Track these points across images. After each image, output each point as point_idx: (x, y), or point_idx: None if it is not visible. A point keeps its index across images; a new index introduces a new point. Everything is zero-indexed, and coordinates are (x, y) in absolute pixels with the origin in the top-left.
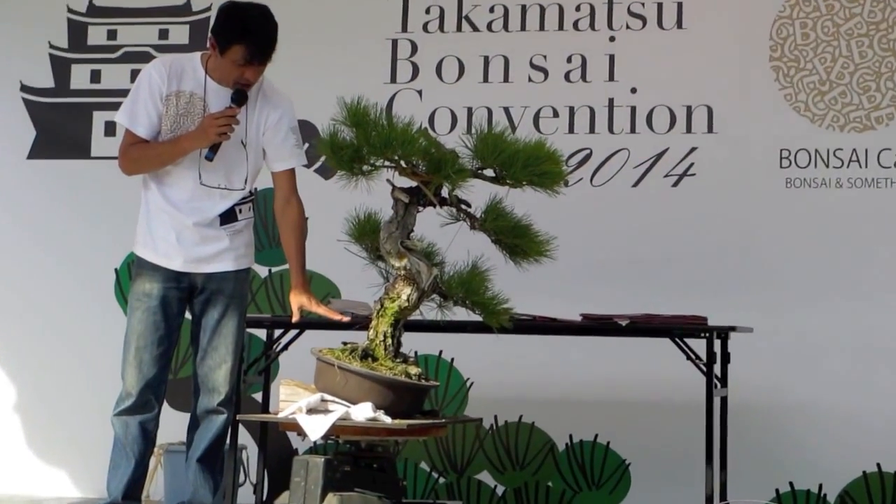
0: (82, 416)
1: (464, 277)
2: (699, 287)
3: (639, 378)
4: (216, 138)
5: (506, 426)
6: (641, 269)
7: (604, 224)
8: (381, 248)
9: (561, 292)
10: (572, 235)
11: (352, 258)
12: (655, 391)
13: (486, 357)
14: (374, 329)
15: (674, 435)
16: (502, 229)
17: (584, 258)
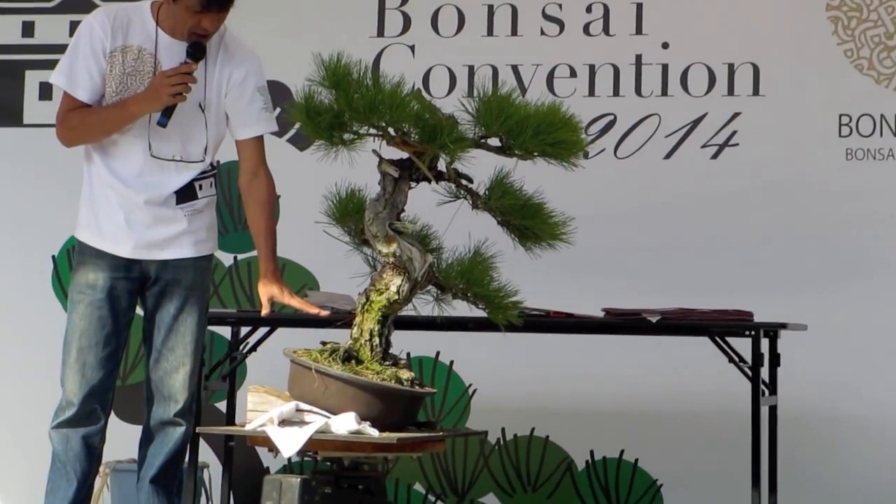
0: (13, 429)
1: (465, 266)
2: (743, 277)
3: (672, 384)
4: (169, 100)
5: (515, 441)
6: (675, 256)
7: (630, 203)
8: (367, 230)
9: (580, 283)
10: (593, 216)
11: (332, 243)
12: (691, 400)
13: (492, 359)
14: (359, 326)
15: (713, 451)
16: (510, 209)
17: (607, 243)
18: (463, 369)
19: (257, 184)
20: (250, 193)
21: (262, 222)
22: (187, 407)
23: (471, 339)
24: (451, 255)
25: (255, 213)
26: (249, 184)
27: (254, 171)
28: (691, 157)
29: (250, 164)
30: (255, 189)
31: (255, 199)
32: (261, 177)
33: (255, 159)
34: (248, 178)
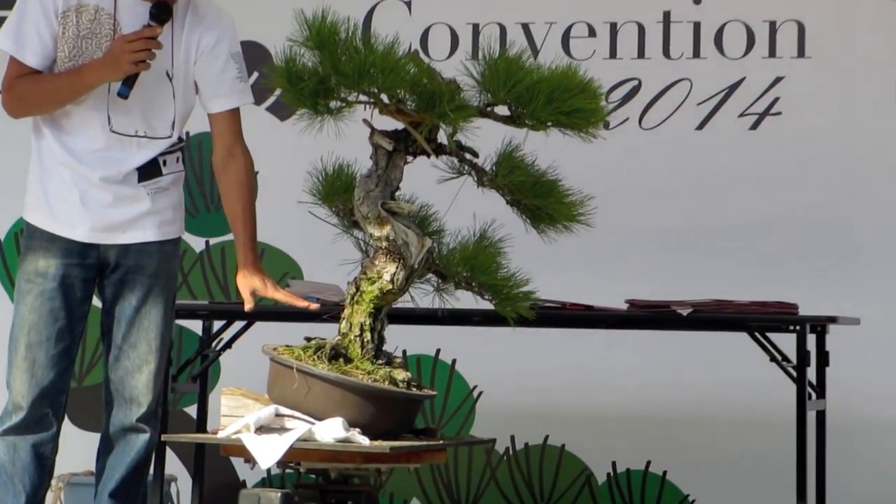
0: None
1: (468, 251)
2: (787, 265)
3: (705, 386)
4: (131, 68)
5: (526, 450)
6: (708, 241)
7: (657, 180)
8: (356, 211)
9: (600, 271)
10: (615, 195)
11: (317, 226)
12: (727, 404)
13: (500, 358)
14: (348, 320)
15: (753, 462)
16: (520, 186)
17: (631, 225)
18: (467, 369)
19: (233, 163)
20: (225, 173)
21: (239, 206)
22: (152, 411)
23: (476, 335)
24: (453, 239)
25: (232, 196)
26: (225, 163)
27: (229, 148)
28: (727, 127)
29: (225, 141)
30: (230, 169)
31: (231, 180)
32: (237, 155)
33: (231, 135)
34: (223, 157)
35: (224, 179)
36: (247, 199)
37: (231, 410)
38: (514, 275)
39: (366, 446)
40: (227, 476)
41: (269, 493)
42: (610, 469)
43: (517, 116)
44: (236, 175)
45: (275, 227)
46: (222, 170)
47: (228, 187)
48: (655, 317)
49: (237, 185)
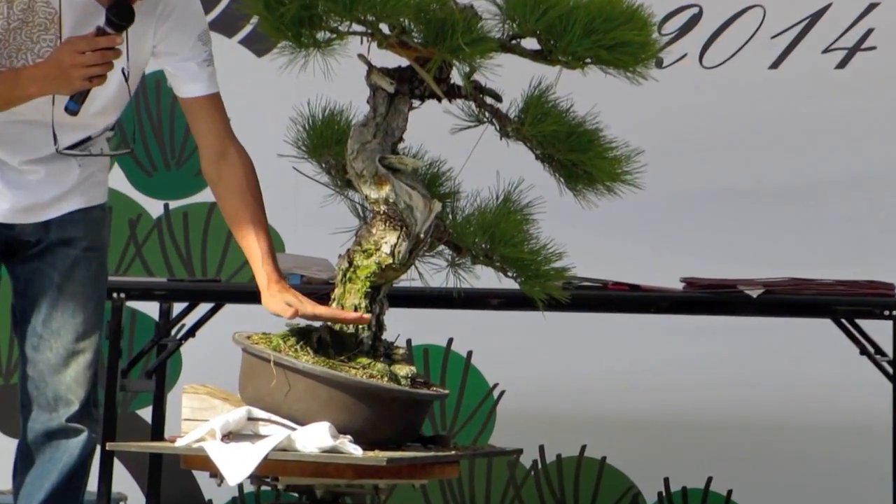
0: None
1: (489, 217)
2: (881, 237)
3: (779, 384)
4: (83, 84)
5: (558, 463)
6: (783, 206)
7: (721, 130)
8: (349, 168)
9: (650, 243)
10: (669, 148)
11: (303, 186)
12: (807, 406)
13: (526, 350)
14: (339, 302)
15: (839, 477)
16: (552, 137)
17: (688, 186)
18: (486, 363)
19: (228, 167)
20: (222, 181)
21: (247, 215)
22: (85, 409)
23: (497, 322)
24: (470, 203)
25: (235, 206)
26: (218, 168)
27: (219, 148)
28: (808, 66)
29: (213, 141)
30: (226, 174)
31: (231, 189)
32: (231, 155)
33: (219, 132)
34: (214, 161)
35: (221, 189)
36: (254, 206)
37: (194, 413)
38: (544, 247)
39: (358, 458)
40: (188, 494)
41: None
42: (661, 487)
43: (548, 51)
44: (236, 180)
45: None
46: (217, 178)
47: (229, 197)
48: (718, 299)
49: (240, 193)
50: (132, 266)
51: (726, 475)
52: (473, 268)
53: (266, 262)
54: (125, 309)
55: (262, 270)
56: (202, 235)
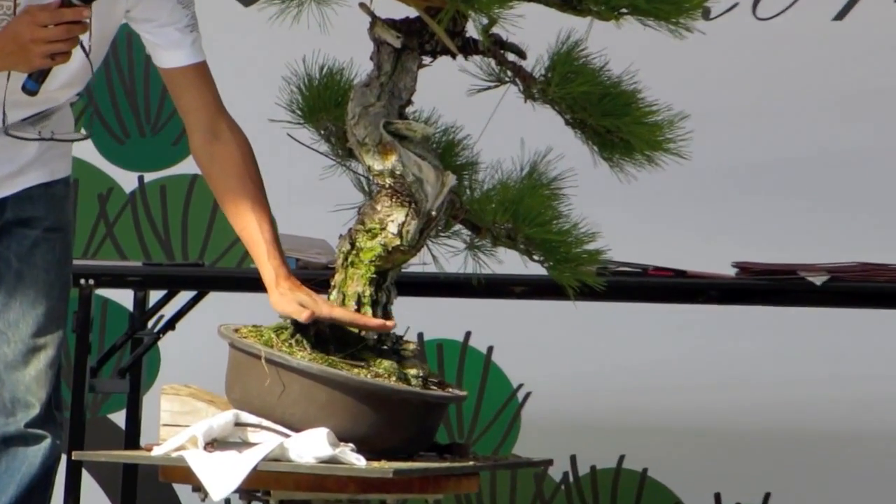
0: None
1: (511, 192)
2: None
3: (849, 386)
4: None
5: (592, 476)
6: (850, 179)
7: (778, 91)
8: (350, 134)
9: (697, 222)
10: (719, 113)
11: (298, 157)
12: (883, 411)
13: (555, 345)
14: (340, 290)
15: None
16: (583, 100)
17: (740, 157)
18: (509, 360)
19: (221, 146)
20: (214, 163)
21: (246, 202)
22: (46, 413)
23: (521, 313)
24: (490, 176)
25: (233, 191)
26: (209, 149)
27: (210, 126)
28: (878, 17)
29: (202, 118)
30: (220, 155)
31: (225, 172)
32: (224, 133)
33: (208, 107)
34: (205, 141)
35: (215, 172)
36: (254, 191)
37: (174, 418)
38: (575, 226)
39: (361, 469)
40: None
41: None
42: (712, 503)
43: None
44: (231, 162)
45: None
46: (209, 160)
47: (224, 182)
48: (776, 287)
49: (237, 177)
50: (102, 248)
51: (788, 491)
52: (495, 250)
53: (272, 256)
54: (95, 297)
55: (269, 265)
56: (182, 213)
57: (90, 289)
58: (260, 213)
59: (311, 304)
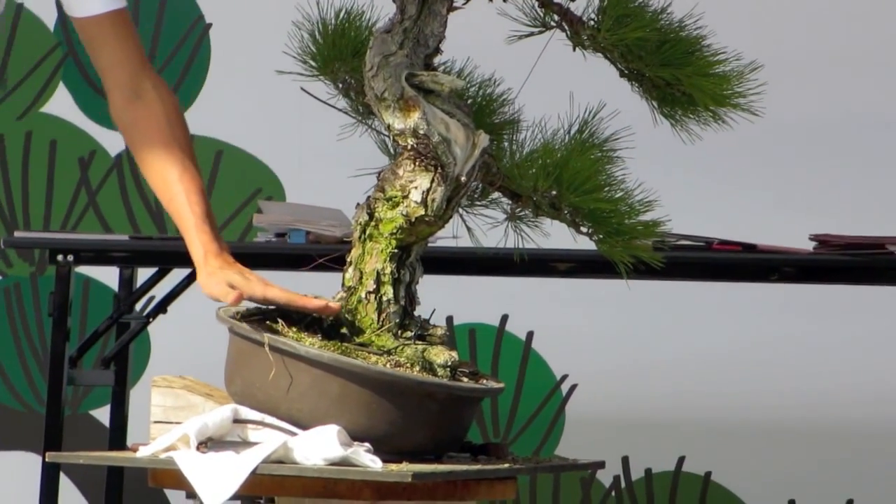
0: None
1: (557, 156)
2: None
3: None
4: None
5: (647, 480)
6: None
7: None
8: (367, 87)
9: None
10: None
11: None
12: None
13: (604, 331)
14: (356, 267)
15: None
16: (638, 47)
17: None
18: (551, 348)
19: (144, 108)
20: (136, 127)
21: (174, 169)
22: None
23: (566, 293)
24: (532, 136)
25: (157, 157)
26: (131, 109)
27: (131, 85)
28: None
29: (121, 76)
30: (142, 118)
31: (148, 136)
32: (148, 92)
33: (129, 62)
34: (125, 102)
35: (137, 137)
36: (180, 157)
37: (166, 414)
38: (629, 193)
39: (375, 472)
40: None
41: None
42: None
43: None
44: (154, 124)
45: (238, 116)
46: (130, 123)
47: (147, 148)
48: (861, 263)
49: (162, 141)
50: (83, 219)
51: (871, 498)
52: (540, 221)
53: (201, 230)
54: (74, 276)
55: (198, 240)
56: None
57: (69, 266)
58: (188, 183)
59: (242, 283)
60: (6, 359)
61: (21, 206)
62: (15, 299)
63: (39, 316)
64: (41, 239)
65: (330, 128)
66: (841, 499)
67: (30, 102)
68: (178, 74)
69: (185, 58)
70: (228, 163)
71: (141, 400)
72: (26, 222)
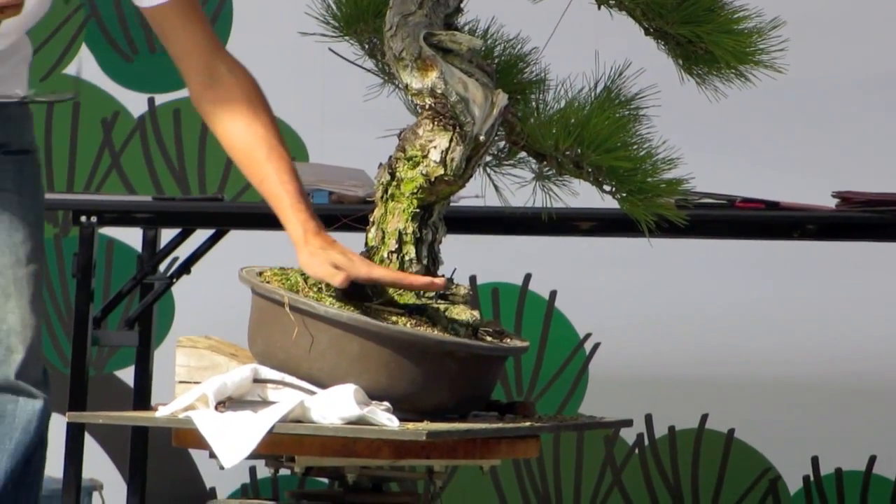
0: None
1: (581, 115)
2: None
3: None
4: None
5: (670, 438)
6: None
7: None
8: (387, 47)
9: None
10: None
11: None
12: None
13: (627, 290)
14: (379, 226)
15: None
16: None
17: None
18: (575, 307)
19: (223, 92)
20: (217, 111)
21: (261, 149)
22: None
23: (589, 252)
24: (558, 95)
25: (243, 140)
26: (210, 96)
27: (206, 71)
28: None
29: (195, 62)
30: (221, 101)
31: (232, 118)
32: (224, 76)
33: (201, 48)
34: (204, 87)
35: (220, 121)
36: (267, 137)
37: (191, 374)
38: (652, 152)
39: (390, 431)
40: (184, 481)
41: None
42: (808, 469)
43: None
44: (236, 108)
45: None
46: (211, 109)
47: (232, 130)
48: (884, 220)
49: (245, 123)
50: (107, 181)
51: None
52: (569, 181)
53: (298, 209)
54: (98, 237)
55: (295, 220)
56: (199, 140)
57: (92, 227)
58: (277, 162)
59: (347, 264)
60: None
61: (45, 168)
62: None
63: (64, 277)
64: (64, 200)
65: (352, 89)
66: (864, 455)
67: (52, 64)
68: None
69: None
70: None
71: (167, 361)
72: (50, 184)
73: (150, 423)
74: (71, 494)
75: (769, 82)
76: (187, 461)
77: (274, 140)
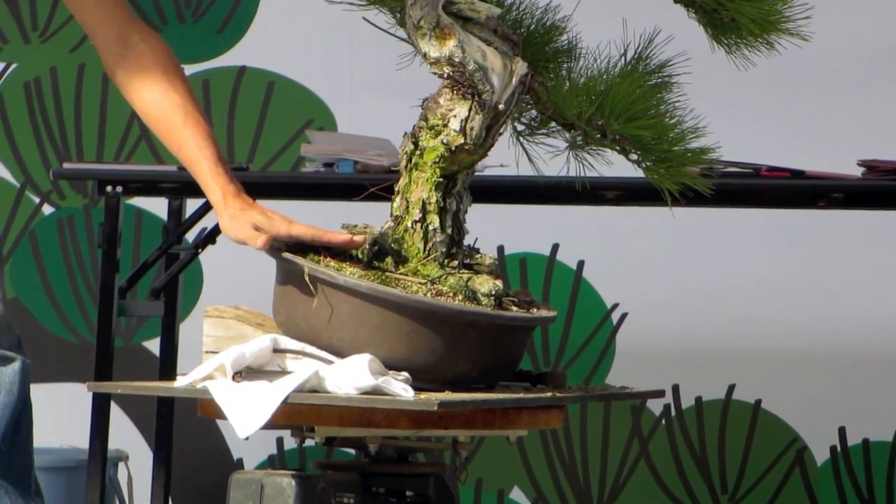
0: None
1: (609, 83)
2: None
3: None
4: None
5: (697, 409)
6: None
7: None
8: (407, 16)
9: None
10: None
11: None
12: None
13: (654, 260)
14: (403, 196)
15: None
16: None
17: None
18: (602, 277)
19: (135, 59)
20: (130, 79)
21: (178, 114)
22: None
23: (616, 222)
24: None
25: (159, 105)
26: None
27: (118, 39)
28: None
29: (109, 32)
30: (134, 70)
31: (144, 86)
32: (135, 44)
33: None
34: (117, 57)
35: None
36: (182, 101)
37: (218, 343)
38: (679, 121)
39: (403, 401)
40: (211, 452)
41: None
42: (835, 439)
43: None
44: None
45: (289, 47)
46: (125, 78)
47: (146, 96)
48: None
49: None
50: (136, 152)
51: None
52: (602, 150)
53: (216, 172)
54: (124, 207)
55: (214, 183)
56: (228, 110)
57: (118, 197)
58: (194, 128)
59: (266, 223)
60: (60, 291)
61: (74, 138)
62: (69, 231)
63: (92, 248)
64: (89, 170)
65: (381, 58)
66: (891, 426)
67: (83, 34)
68: (229, 6)
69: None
70: (280, 94)
71: (194, 331)
72: (80, 154)
73: (167, 394)
74: (97, 465)
75: (794, 50)
76: (215, 432)
77: (190, 106)
